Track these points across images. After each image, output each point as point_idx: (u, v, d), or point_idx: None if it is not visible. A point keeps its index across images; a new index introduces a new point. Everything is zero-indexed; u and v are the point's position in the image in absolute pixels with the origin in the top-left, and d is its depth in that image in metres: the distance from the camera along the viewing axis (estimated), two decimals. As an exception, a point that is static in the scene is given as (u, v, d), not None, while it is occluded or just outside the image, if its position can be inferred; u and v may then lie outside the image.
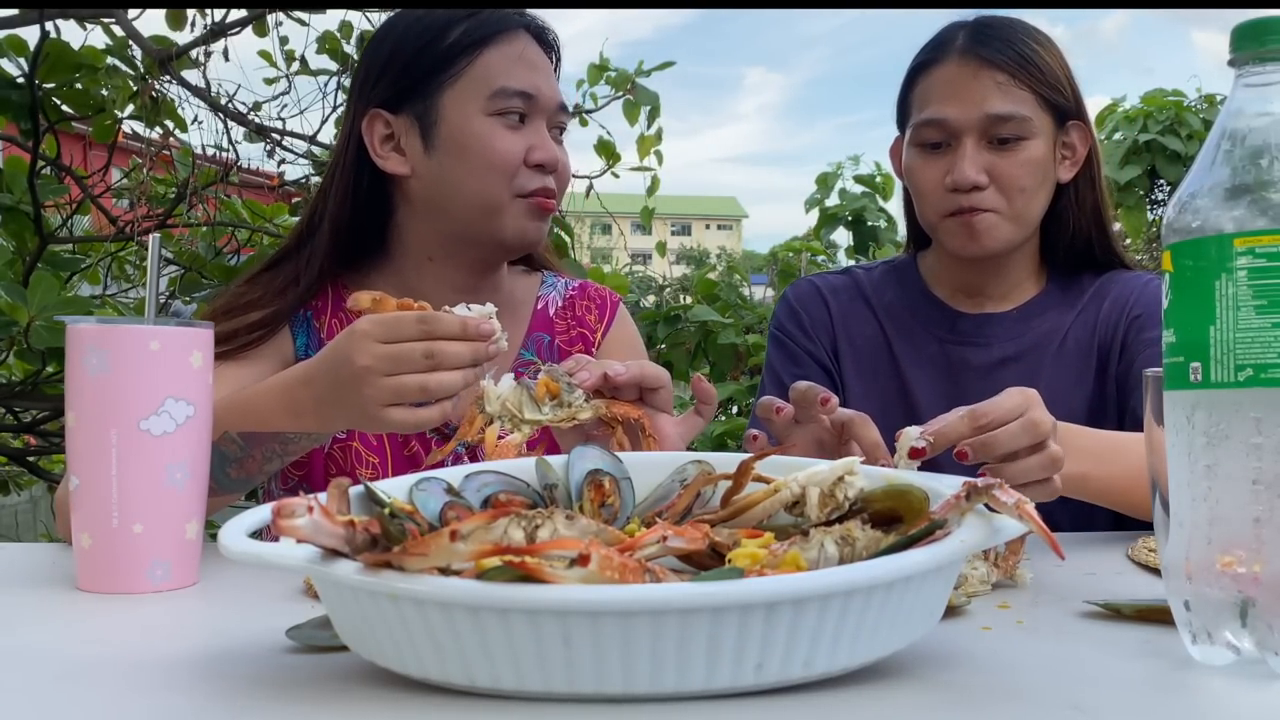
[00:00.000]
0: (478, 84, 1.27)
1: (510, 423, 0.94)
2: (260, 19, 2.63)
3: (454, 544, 0.54)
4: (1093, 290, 1.46)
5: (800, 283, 1.58)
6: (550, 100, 1.30)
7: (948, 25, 1.42)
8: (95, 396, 0.87)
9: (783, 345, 1.51)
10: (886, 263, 1.59)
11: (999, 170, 1.34)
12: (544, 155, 1.27)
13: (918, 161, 1.40)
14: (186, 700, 0.59)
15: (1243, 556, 0.60)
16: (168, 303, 2.44)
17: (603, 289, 1.50)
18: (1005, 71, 1.35)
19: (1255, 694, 0.59)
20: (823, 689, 0.58)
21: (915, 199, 1.43)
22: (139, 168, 2.77)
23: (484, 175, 1.26)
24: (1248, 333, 0.60)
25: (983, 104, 1.34)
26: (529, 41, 1.31)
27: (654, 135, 3.13)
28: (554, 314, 1.43)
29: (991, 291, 1.46)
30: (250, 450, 1.08)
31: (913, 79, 1.42)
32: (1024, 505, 0.61)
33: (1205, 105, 6.80)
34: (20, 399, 2.41)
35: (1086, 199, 1.45)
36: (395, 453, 1.30)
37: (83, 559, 0.88)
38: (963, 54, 1.37)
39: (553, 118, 1.31)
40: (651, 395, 1.01)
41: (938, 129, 1.36)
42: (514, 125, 1.28)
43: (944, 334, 1.46)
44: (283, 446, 1.08)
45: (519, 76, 1.28)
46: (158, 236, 0.98)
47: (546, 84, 1.30)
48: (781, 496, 0.72)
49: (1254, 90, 0.64)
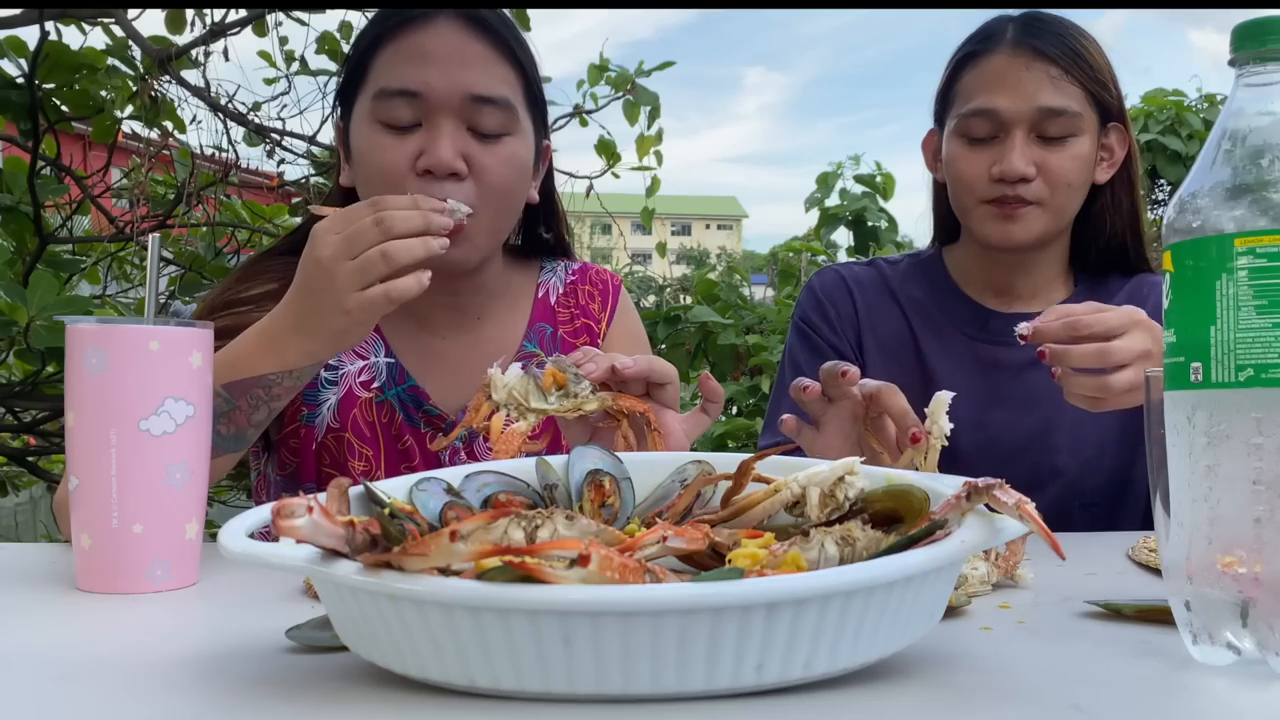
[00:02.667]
0: (368, 89, 1.20)
1: (516, 411, 0.94)
2: (260, 19, 2.63)
3: (454, 544, 0.54)
4: (1123, 294, 1.45)
5: (825, 272, 1.56)
6: (448, 95, 1.16)
7: (994, 18, 1.40)
8: (95, 396, 0.87)
9: (806, 337, 1.50)
10: (910, 256, 1.56)
11: (1047, 164, 1.33)
12: (429, 159, 1.15)
13: (961, 151, 1.37)
14: (186, 701, 0.59)
15: (1243, 557, 0.60)
16: (167, 303, 2.45)
17: (604, 271, 1.45)
18: (1059, 65, 1.33)
19: (1256, 694, 0.59)
20: (823, 689, 0.58)
21: (953, 186, 1.41)
22: (138, 168, 2.77)
23: (372, 189, 1.17)
24: (1248, 333, 0.60)
25: (1035, 96, 1.32)
26: (441, 32, 1.18)
27: (654, 135, 3.13)
28: (555, 302, 1.40)
29: (1020, 289, 1.45)
30: (236, 400, 1.06)
31: (958, 69, 1.40)
32: (1024, 505, 0.61)
33: (1206, 105, 6.81)
34: (20, 399, 2.41)
35: (1124, 202, 1.43)
36: (389, 445, 1.29)
37: (82, 559, 0.88)
38: (1015, 45, 1.35)
39: (462, 113, 1.17)
40: (658, 390, 1.01)
41: (987, 120, 1.34)
42: (399, 132, 1.17)
43: (975, 332, 1.45)
44: (266, 391, 1.07)
45: (401, 74, 1.17)
46: (157, 237, 0.98)
47: (445, 76, 1.16)
48: (782, 497, 0.72)
49: (1255, 90, 0.64)
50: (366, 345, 1.30)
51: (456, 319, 1.33)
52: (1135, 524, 1.39)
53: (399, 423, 1.29)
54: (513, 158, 1.21)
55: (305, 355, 1.05)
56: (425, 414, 1.29)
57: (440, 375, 1.31)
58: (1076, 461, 1.39)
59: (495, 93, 1.19)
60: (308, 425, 1.28)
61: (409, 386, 1.30)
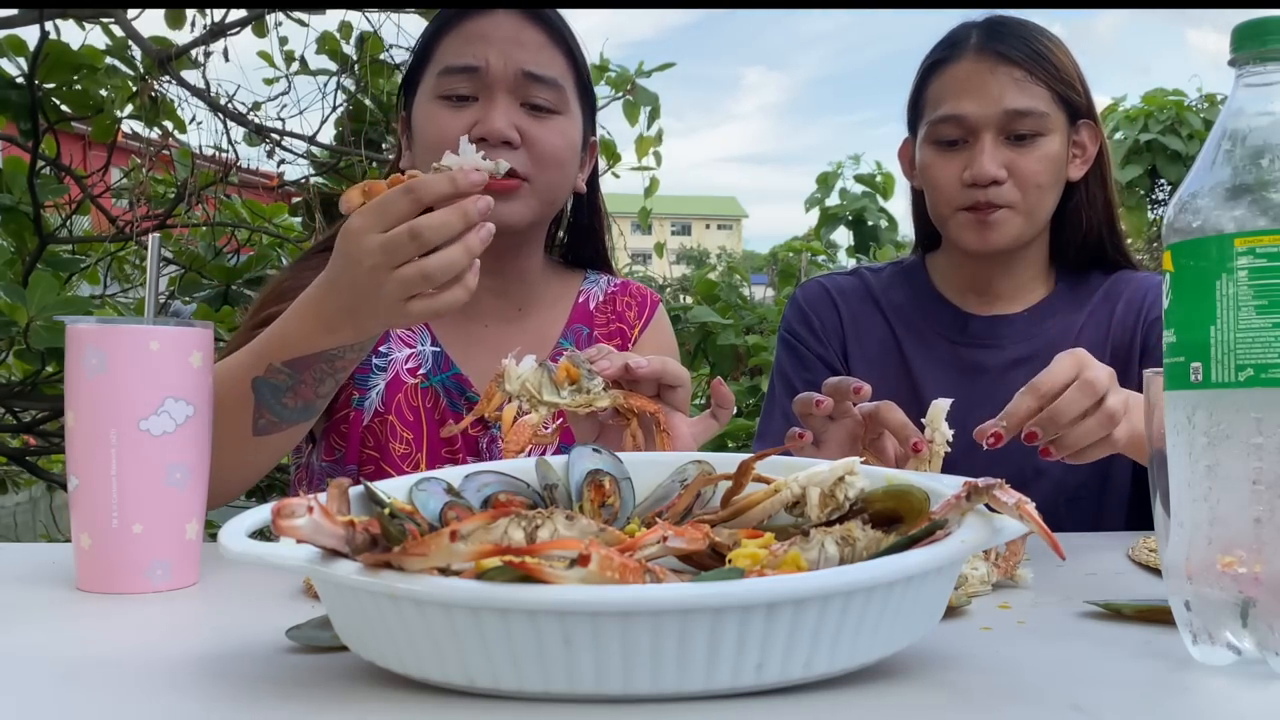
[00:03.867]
0: (431, 70, 1.28)
1: (528, 403, 0.94)
2: (260, 19, 2.64)
3: (454, 544, 0.54)
4: (1102, 290, 1.46)
5: (809, 285, 1.57)
6: (504, 71, 1.24)
7: (959, 25, 1.42)
8: (95, 396, 0.87)
9: (793, 349, 1.51)
10: (894, 264, 1.58)
11: (1017, 166, 1.34)
12: (484, 128, 1.22)
13: (933, 158, 1.39)
14: (186, 701, 0.59)
15: (1243, 557, 0.60)
16: (167, 303, 2.45)
17: (644, 288, 1.50)
18: (1022, 68, 1.35)
19: (1256, 694, 0.59)
20: (823, 689, 0.58)
21: (929, 194, 1.42)
22: (138, 168, 2.78)
23: (428, 158, 1.23)
24: (1248, 333, 0.60)
25: (1001, 100, 1.34)
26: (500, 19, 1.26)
27: (654, 136, 3.13)
28: (594, 308, 1.44)
29: (1001, 291, 1.45)
30: (300, 375, 1.05)
31: (926, 77, 1.42)
32: (1024, 505, 0.61)
33: (1206, 105, 6.81)
34: (19, 399, 2.41)
35: (1098, 197, 1.45)
36: (431, 430, 1.31)
37: (82, 559, 0.88)
38: (979, 51, 1.37)
39: (517, 89, 1.25)
40: (669, 393, 1.01)
41: (955, 125, 1.36)
42: (458, 105, 1.24)
43: (955, 336, 1.46)
44: (329, 365, 1.05)
45: (463, 53, 1.25)
46: (157, 236, 0.98)
47: (502, 55, 1.24)
48: (782, 497, 0.72)
49: (1255, 90, 0.64)
50: (413, 334, 1.35)
51: (501, 307, 1.37)
52: (1120, 515, 1.40)
53: (443, 408, 1.32)
54: (564, 133, 1.27)
55: (361, 334, 1.03)
56: (468, 401, 1.33)
57: (482, 362, 1.34)
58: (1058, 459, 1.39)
59: (548, 73, 1.26)
60: (357, 409, 1.31)
61: (453, 375, 1.33)
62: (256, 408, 1.05)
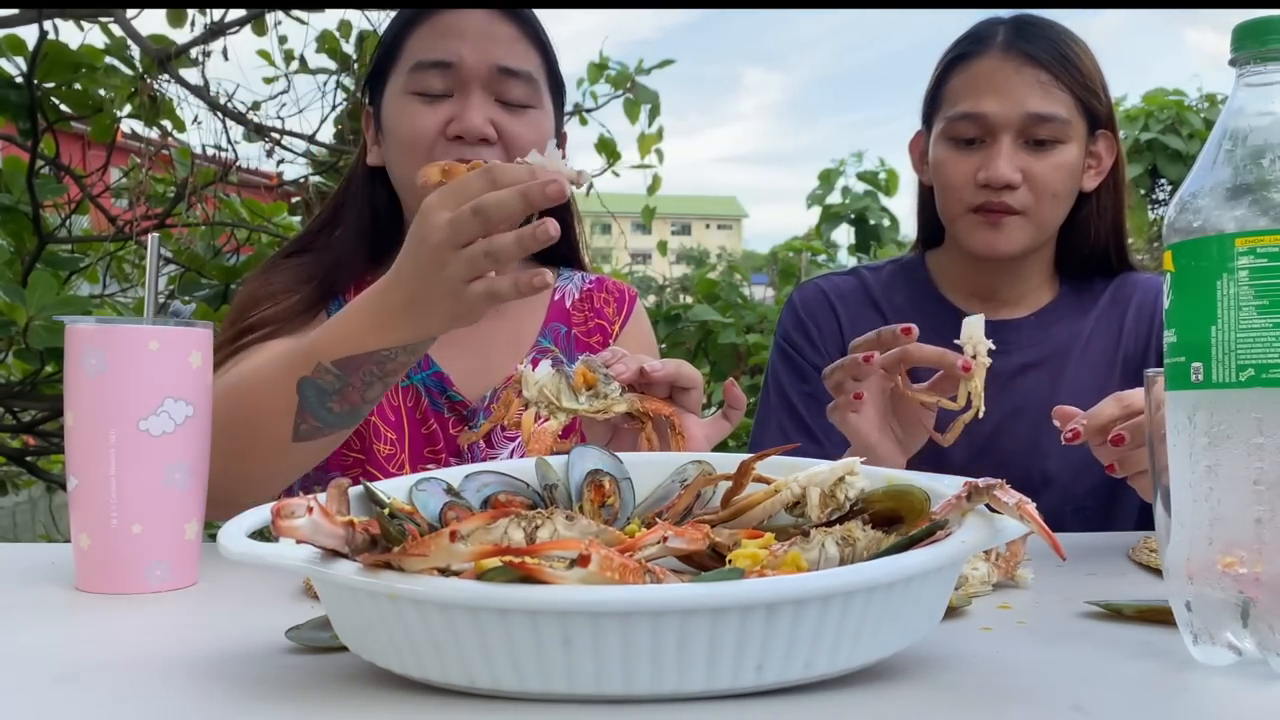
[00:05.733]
0: (402, 65, 1.27)
1: (547, 409, 0.93)
2: (259, 18, 2.64)
3: (454, 544, 0.54)
4: (1108, 295, 1.44)
5: (807, 288, 1.54)
6: (479, 66, 1.23)
7: (985, 20, 1.39)
8: (94, 396, 0.87)
9: (789, 359, 1.48)
10: (893, 262, 1.55)
11: (1033, 172, 1.32)
12: (460, 125, 1.22)
13: (947, 155, 1.36)
14: (186, 701, 0.59)
15: (1244, 557, 0.60)
16: (167, 302, 2.44)
17: (620, 283, 1.49)
18: (1048, 70, 1.32)
19: (1256, 695, 0.59)
20: (823, 690, 0.58)
21: (939, 192, 1.40)
22: (138, 167, 2.77)
23: (402, 155, 1.24)
24: (1249, 333, 0.60)
25: (1024, 101, 1.31)
26: (472, 14, 1.26)
27: (654, 134, 3.13)
28: (570, 305, 1.43)
29: (1005, 296, 1.44)
30: (348, 377, 1.02)
31: (947, 71, 1.39)
32: (1025, 505, 0.61)
33: (1206, 104, 6.81)
34: (19, 399, 2.41)
35: (1108, 209, 1.42)
36: (414, 430, 1.30)
37: (82, 559, 0.88)
38: (1005, 49, 1.34)
39: (491, 84, 1.25)
40: (682, 395, 1.01)
41: (974, 124, 1.33)
42: (432, 101, 1.23)
43: (958, 338, 1.45)
44: (380, 367, 1.01)
45: (437, 48, 1.24)
46: (157, 236, 0.97)
47: (476, 50, 1.24)
48: (782, 497, 0.72)
49: (1255, 90, 0.64)
50: None
51: None
52: (1129, 527, 1.38)
53: (424, 408, 1.31)
54: (538, 127, 1.28)
55: (419, 331, 1.00)
56: (449, 400, 1.32)
57: (460, 360, 1.33)
58: (1067, 466, 1.38)
59: (521, 67, 1.26)
60: None
61: (434, 373, 1.33)
62: (300, 412, 1.02)
